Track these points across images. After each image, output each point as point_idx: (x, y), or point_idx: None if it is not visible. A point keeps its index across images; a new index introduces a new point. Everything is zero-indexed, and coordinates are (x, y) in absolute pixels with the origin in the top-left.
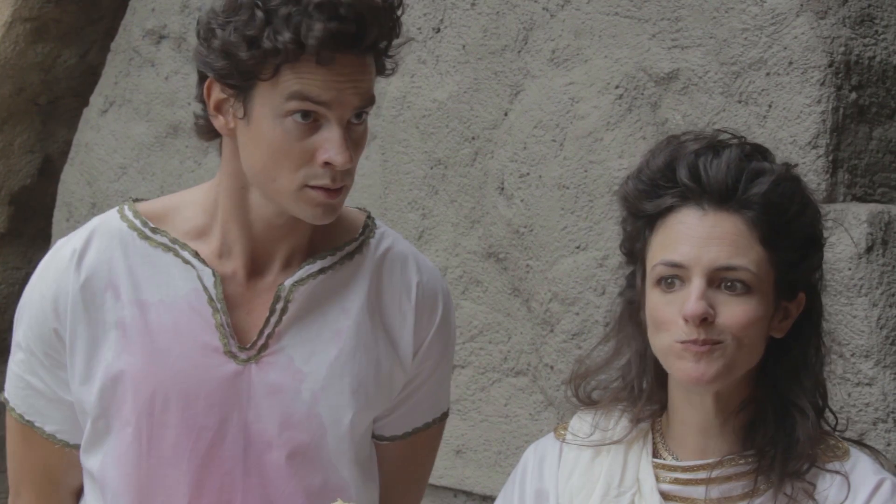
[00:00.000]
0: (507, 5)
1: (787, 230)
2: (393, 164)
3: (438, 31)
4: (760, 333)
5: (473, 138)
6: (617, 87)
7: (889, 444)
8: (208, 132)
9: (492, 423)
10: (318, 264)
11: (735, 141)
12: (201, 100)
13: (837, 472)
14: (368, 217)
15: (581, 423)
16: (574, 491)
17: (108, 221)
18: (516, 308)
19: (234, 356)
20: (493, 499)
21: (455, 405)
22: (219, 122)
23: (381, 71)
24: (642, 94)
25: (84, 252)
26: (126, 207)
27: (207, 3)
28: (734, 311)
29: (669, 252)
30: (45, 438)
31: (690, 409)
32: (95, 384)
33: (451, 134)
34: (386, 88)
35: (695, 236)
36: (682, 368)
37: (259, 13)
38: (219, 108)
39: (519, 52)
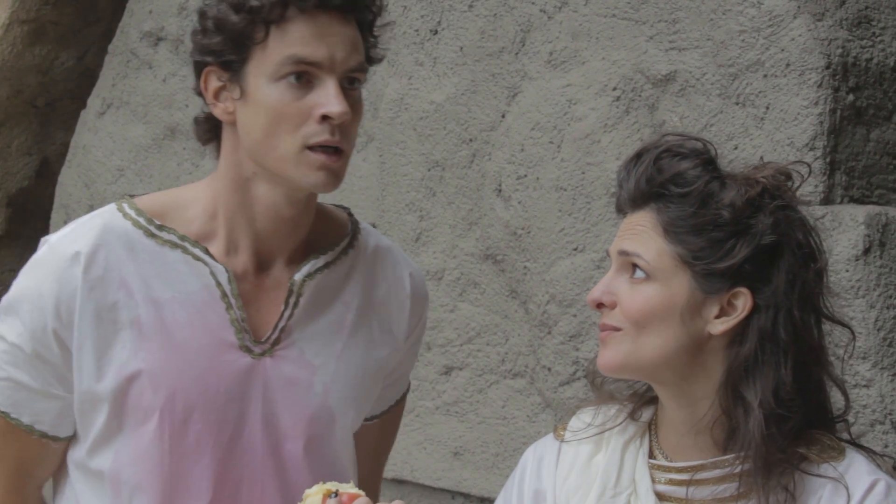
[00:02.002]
0: (505, 7)
1: (689, 223)
2: (390, 165)
3: (436, 32)
4: (673, 323)
5: (471, 140)
6: (614, 88)
7: (887, 446)
8: (207, 132)
9: (489, 424)
10: (322, 259)
11: (672, 141)
12: (200, 94)
13: (831, 477)
14: (350, 214)
15: (580, 422)
16: (571, 491)
17: (112, 220)
18: (514, 310)
19: (249, 350)
20: (490, 500)
21: (453, 407)
22: (218, 110)
23: (367, 52)
24: (640, 95)
25: (93, 253)
26: (126, 206)
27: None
28: (631, 296)
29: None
30: (21, 430)
31: (672, 409)
32: (108, 384)
33: (448, 136)
34: (383, 90)
35: (621, 230)
36: None
37: None
38: (217, 95)
39: (516, 53)
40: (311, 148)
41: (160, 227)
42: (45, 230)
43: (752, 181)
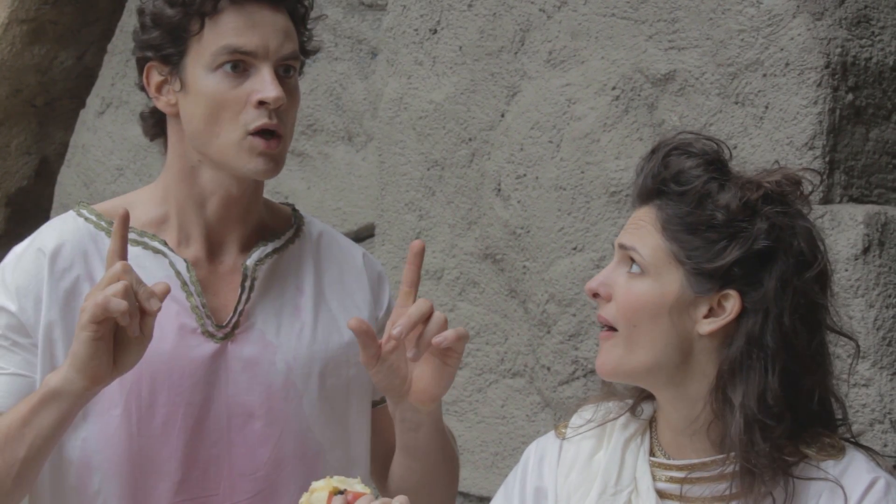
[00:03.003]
0: (504, 6)
1: (685, 222)
2: (390, 165)
3: (435, 32)
4: (662, 320)
5: (470, 139)
6: (614, 88)
7: (886, 445)
8: (153, 127)
9: (489, 424)
10: (271, 246)
11: (684, 139)
12: (142, 89)
13: (830, 479)
14: (293, 208)
15: (581, 420)
16: (572, 489)
17: (74, 222)
18: (513, 309)
19: (211, 335)
20: (489, 500)
21: (452, 406)
22: (161, 103)
23: (302, 44)
24: (639, 95)
25: (58, 248)
26: (84, 210)
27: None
28: (626, 290)
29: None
30: None
31: (669, 409)
32: None
33: (447, 135)
34: (383, 90)
35: (626, 224)
36: None
37: None
38: (159, 89)
39: (516, 53)
40: (251, 134)
41: None
42: None
43: (754, 185)
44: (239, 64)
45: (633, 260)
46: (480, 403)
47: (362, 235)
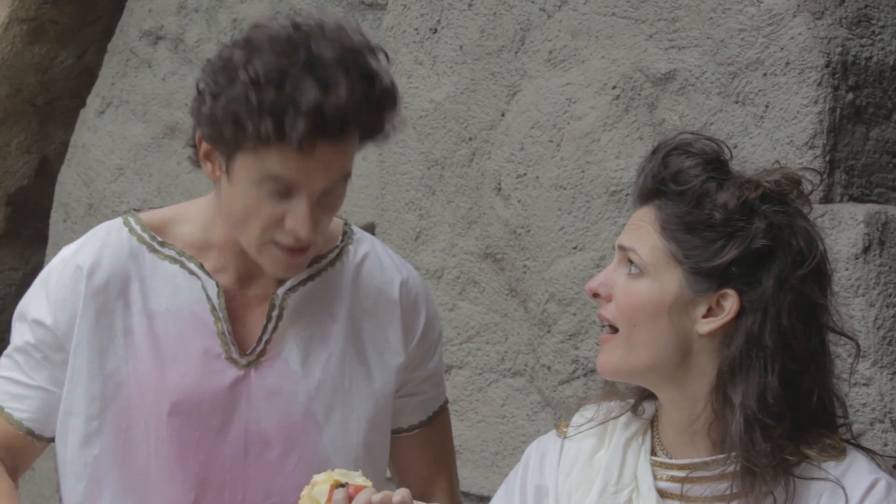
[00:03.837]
0: (504, 6)
1: (683, 221)
2: (390, 164)
3: (435, 31)
4: (662, 320)
5: (470, 139)
6: (614, 87)
7: (886, 445)
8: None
9: (489, 423)
10: (306, 273)
11: (684, 139)
12: (193, 144)
13: (831, 479)
14: (346, 224)
15: (582, 418)
16: (573, 487)
17: (118, 234)
18: (513, 308)
19: (234, 362)
20: (490, 499)
21: (452, 406)
22: (207, 169)
23: (374, 139)
24: (639, 94)
25: (96, 264)
26: (132, 220)
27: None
28: (625, 290)
29: None
30: (10, 424)
31: (670, 409)
32: (96, 387)
33: (448, 134)
34: None
35: (627, 224)
36: None
37: (251, 95)
38: (208, 156)
39: (516, 52)
40: (276, 243)
41: (162, 244)
42: (45, 229)
43: (752, 184)
44: (282, 187)
45: (631, 261)
46: (481, 403)
47: None
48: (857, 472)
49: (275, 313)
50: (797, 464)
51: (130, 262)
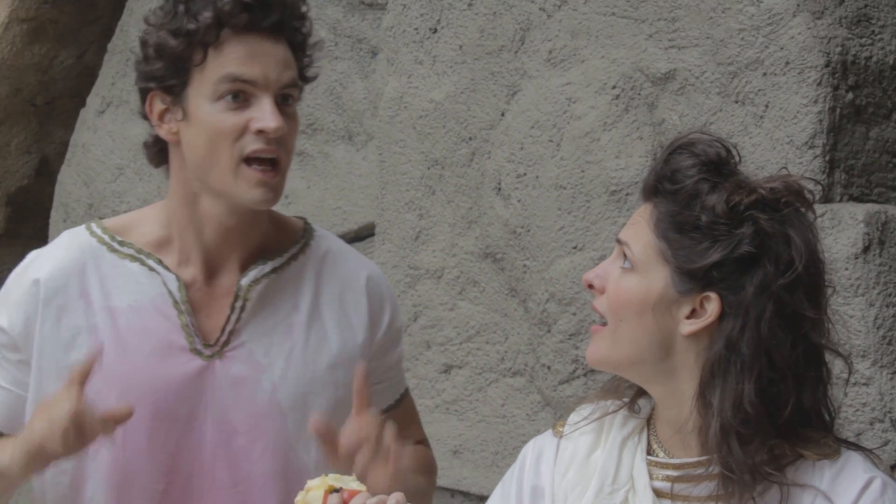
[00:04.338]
0: (504, 6)
1: (674, 221)
2: (390, 164)
3: (435, 31)
4: (646, 317)
5: (470, 139)
6: (614, 87)
7: (886, 444)
8: (156, 155)
9: (489, 423)
10: (269, 265)
11: (691, 139)
12: (145, 117)
13: (813, 487)
14: (306, 222)
15: (579, 416)
16: (569, 487)
17: (79, 237)
18: (513, 308)
19: (199, 353)
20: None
21: (452, 405)
22: (163, 131)
23: (301, 71)
24: (639, 94)
25: (55, 268)
26: (93, 225)
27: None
28: (616, 284)
29: None
30: None
31: (662, 408)
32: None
33: (448, 134)
34: (383, 89)
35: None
36: None
37: (179, 6)
38: (161, 117)
39: (516, 52)
40: (248, 162)
41: (121, 243)
42: (45, 229)
43: (746, 189)
44: (240, 94)
45: (625, 256)
46: (480, 402)
47: (362, 235)
48: (853, 471)
49: (238, 304)
50: (791, 463)
51: (90, 262)
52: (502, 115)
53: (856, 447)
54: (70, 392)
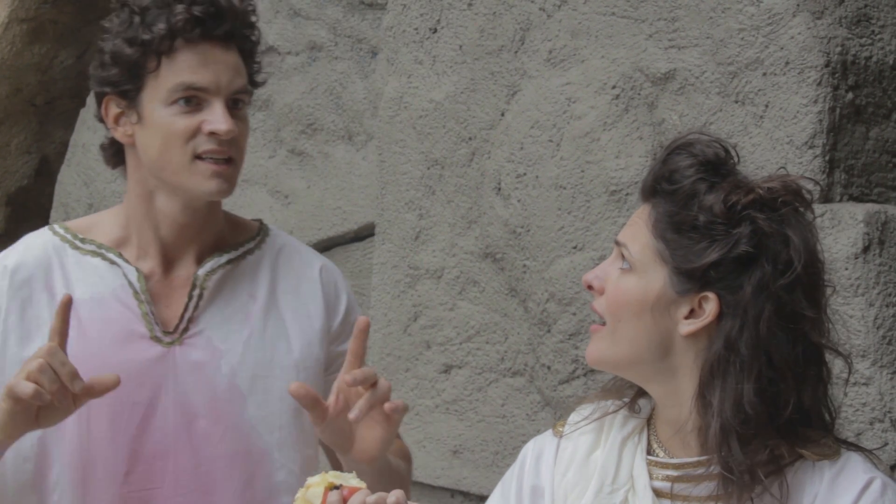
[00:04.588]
0: (504, 6)
1: (671, 221)
2: (390, 164)
3: (435, 31)
4: (644, 318)
5: (470, 138)
6: (614, 87)
7: (886, 444)
8: (113, 156)
9: (489, 423)
10: (225, 257)
11: (690, 139)
12: (101, 120)
13: (813, 487)
14: (261, 223)
15: (579, 416)
16: (569, 487)
17: (42, 236)
18: (513, 308)
19: (159, 340)
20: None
21: (452, 405)
22: (118, 134)
23: (251, 77)
24: (639, 94)
25: (20, 263)
26: (56, 226)
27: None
28: (615, 285)
29: None
30: None
31: (662, 407)
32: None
33: (447, 134)
34: (383, 89)
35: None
36: None
37: (135, 17)
38: (117, 120)
39: (516, 52)
40: (201, 158)
41: (83, 240)
42: None
43: (744, 189)
44: (192, 99)
45: (624, 257)
46: (480, 402)
47: (362, 235)
48: (852, 472)
49: (196, 293)
50: (791, 463)
51: (54, 257)
52: (502, 115)
53: (856, 447)
54: (44, 351)
